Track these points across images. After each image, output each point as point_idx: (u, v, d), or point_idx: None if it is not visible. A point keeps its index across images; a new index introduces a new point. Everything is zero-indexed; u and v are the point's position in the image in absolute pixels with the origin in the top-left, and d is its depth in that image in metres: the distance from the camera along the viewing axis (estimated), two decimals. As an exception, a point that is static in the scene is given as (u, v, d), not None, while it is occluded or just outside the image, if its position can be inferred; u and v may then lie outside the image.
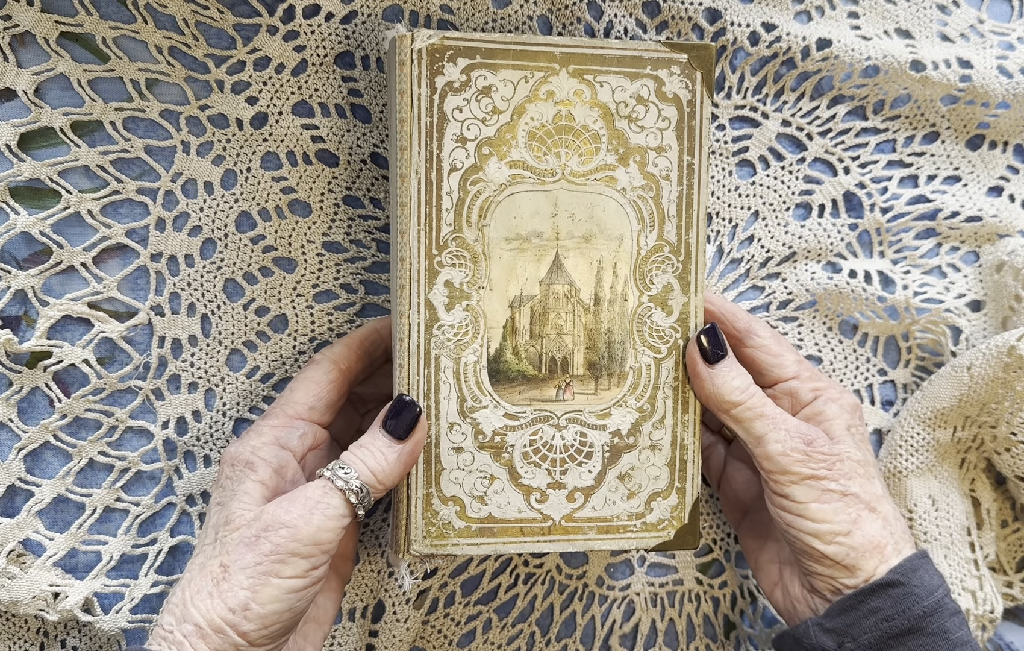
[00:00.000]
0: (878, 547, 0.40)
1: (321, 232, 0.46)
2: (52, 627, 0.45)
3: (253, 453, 0.39)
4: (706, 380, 0.41)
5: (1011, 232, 0.51)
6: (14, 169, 0.42)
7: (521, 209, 0.41)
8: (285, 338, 0.46)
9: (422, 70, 0.39)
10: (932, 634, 0.39)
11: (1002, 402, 0.47)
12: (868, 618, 0.39)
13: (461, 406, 0.41)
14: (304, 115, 0.45)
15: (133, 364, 0.45)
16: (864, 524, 0.40)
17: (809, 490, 0.40)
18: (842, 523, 0.40)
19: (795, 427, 0.41)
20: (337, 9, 0.44)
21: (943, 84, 0.49)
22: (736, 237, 0.50)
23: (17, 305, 0.44)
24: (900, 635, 0.39)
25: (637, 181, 0.41)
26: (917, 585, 0.39)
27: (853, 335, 0.51)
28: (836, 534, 0.40)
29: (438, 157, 0.39)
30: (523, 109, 0.40)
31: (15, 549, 0.43)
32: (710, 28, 0.47)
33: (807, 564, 0.41)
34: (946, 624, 0.39)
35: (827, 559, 0.40)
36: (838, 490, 0.40)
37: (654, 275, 0.42)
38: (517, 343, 0.41)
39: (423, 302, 0.40)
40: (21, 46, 0.43)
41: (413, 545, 0.41)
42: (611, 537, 0.43)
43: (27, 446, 0.44)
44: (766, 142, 0.49)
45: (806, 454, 0.40)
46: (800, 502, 0.40)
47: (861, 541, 0.40)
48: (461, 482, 0.41)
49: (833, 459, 0.40)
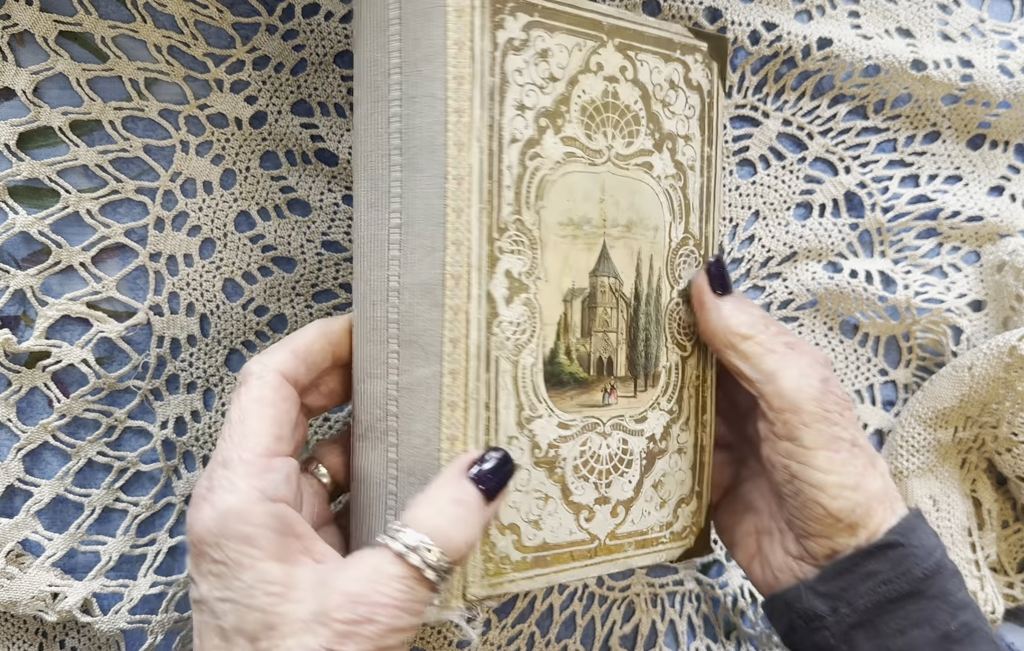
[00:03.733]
0: (881, 503, 0.37)
1: (320, 231, 0.46)
2: (51, 628, 0.45)
3: (243, 522, 0.30)
4: (713, 311, 0.38)
5: (1012, 232, 0.51)
6: (13, 168, 0.42)
7: (574, 191, 0.36)
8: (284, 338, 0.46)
9: (484, 21, 0.33)
10: (933, 597, 0.36)
11: (1003, 402, 0.47)
12: (865, 581, 0.36)
13: (519, 416, 0.35)
14: (303, 114, 0.45)
15: (132, 364, 0.44)
16: (869, 479, 0.37)
17: (819, 435, 0.36)
18: (850, 475, 0.36)
19: (810, 362, 0.37)
20: (336, 8, 0.44)
21: (944, 83, 0.49)
22: (737, 237, 0.50)
23: (16, 305, 0.44)
24: (899, 599, 0.36)
25: (669, 169, 0.39)
26: (917, 545, 0.36)
27: (854, 335, 0.51)
28: (844, 487, 0.36)
29: (500, 125, 0.34)
30: (576, 80, 0.36)
31: (14, 549, 0.43)
32: (710, 27, 0.47)
33: (806, 524, 0.38)
34: (947, 585, 0.36)
35: (830, 516, 0.36)
36: (848, 438, 0.37)
37: (682, 269, 0.40)
38: (569, 342, 0.36)
39: (484, 294, 0.33)
40: (20, 45, 0.43)
41: (470, 588, 0.34)
42: (647, 551, 0.40)
43: (26, 446, 0.44)
44: (767, 141, 0.49)
45: (822, 392, 0.36)
46: (809, 448, 0.36)
47: (867, 497, 0.37)
48: (519, 506, 0.35)
49: (845, 403, 0.37)
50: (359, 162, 0.36)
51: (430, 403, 0.33)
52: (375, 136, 0.35)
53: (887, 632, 0.36)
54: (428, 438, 0.33)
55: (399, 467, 0.34)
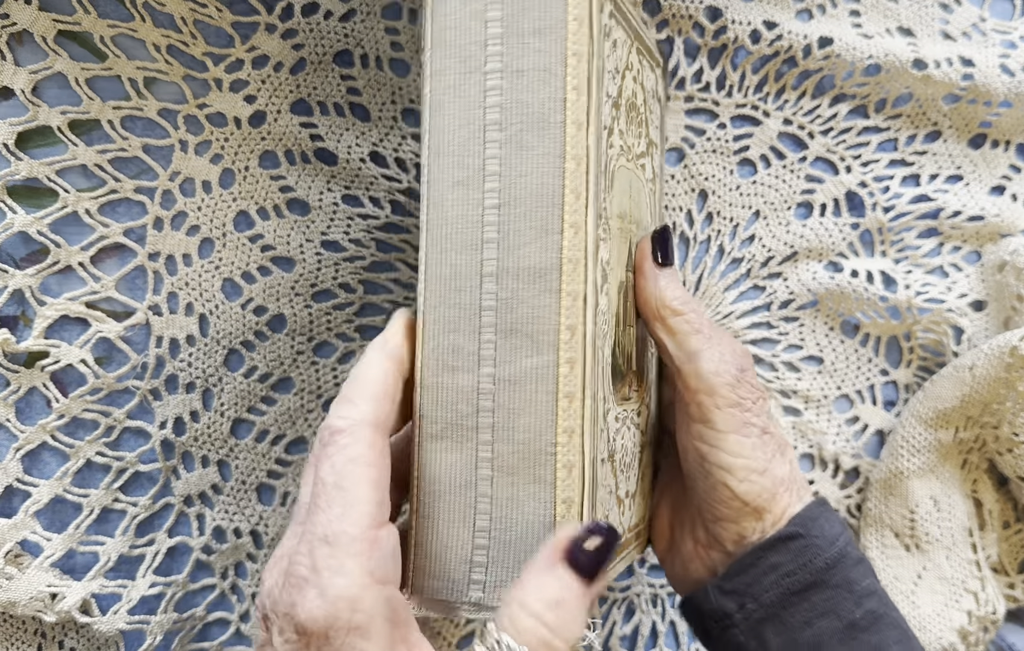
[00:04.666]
0: (788, 489, 0.38)
1: (319, 231, 0.46)
2: (50, 628, 0.45)
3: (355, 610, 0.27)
4: (650, 280, 0.37)
5: (1013, 231, 0.51)
6: (11, 168, 0.42)
7: (622, 184, 0.35)
8: (283, 338, 0.46)
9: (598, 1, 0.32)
10: (836, 586, 0.36)
11: (1004, 402, 0.47)
12: (768, 574, 0.37)
13: (603, 407, 0.34)
14: (302, 113, 0.45)
15: (131, 364, 0.44)
16: (776, 465, 0.38)
17: (732, 419, 0.37)
18: (758, 460, 0.37)
19: (730, 350, 0.38)
20: (336, 7, 0.44)
21: (945, 83, 0.49)
22: (737, 236, 0.50)
23: (14, 305, 0.43)
24: (802, 590, 0.36)
25: (650, 173, 0.39)
26: (817, 535, 0.37)
27: (855, 335, 0.51)
28: (751, 471, 0.37)
29: (599, 108, 0.32)
30: (624, 75, 0.35)
31: (13, 550, 0.43)
32: (711, 26, 0.47)
33: (714, 507, 0.38)
34: (850, 574, 0.37)
35: (737, 499, 0.37)
36: (759, 425, 0.37)
37: None
38: (618, 335, 0.36)
39: (595, 281, 0.32)
40: (19, 44, 0.42)
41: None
42: (638, 544, 0.40)
43: (25, 446, 0.44)
44: (767, 141, 0.49)
45: (737, 379, 0.37)
46: (720, 431, 0.37)
47: (772, 482, 0.37)
48: (602, 502, 0.34)
49: (759, 393, 0.38)
50: (437, 136, 0.33)
51: (541, 395, 0.31)
52: (464, 108, 0.32)
53: (794, 624, 0.37)
54: (539, 433, 0.32)
55: (495, 467, 0.32)
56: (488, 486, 0.33)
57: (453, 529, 0.33)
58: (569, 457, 0.31)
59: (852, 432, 0.51)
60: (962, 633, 0.49)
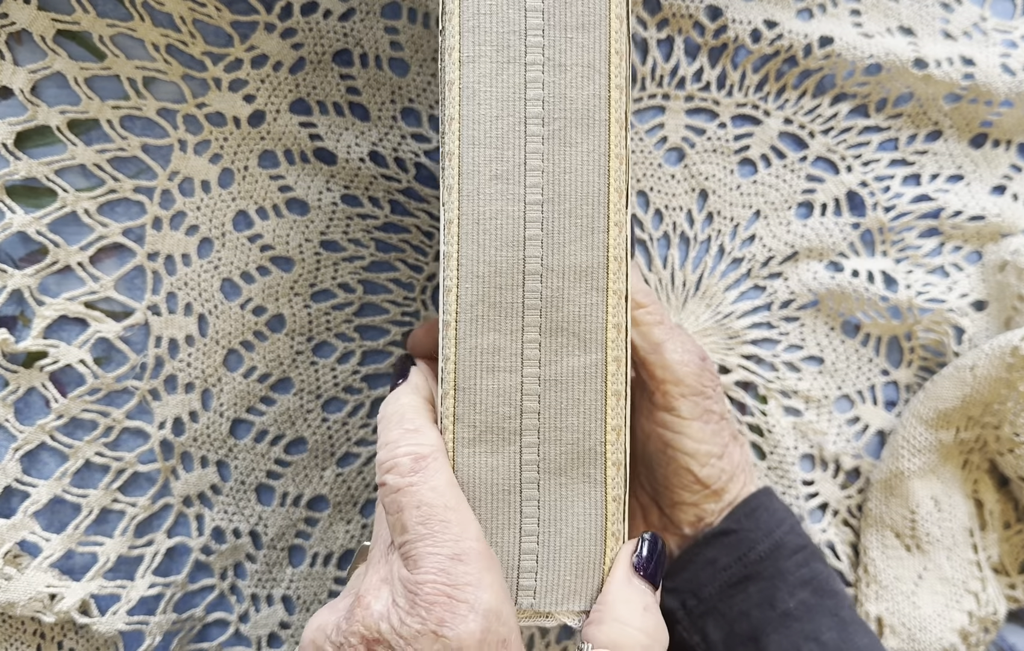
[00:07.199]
0: (744, 472, 0.40)
1: (319, 231, 0.46)
2: (49, 629, 0.45)
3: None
4: None
5: (1014, 231, 0.51)
6: (10, 168, 0.42)
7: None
8: (282, 338, 0.46)
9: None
10: (771, 578, 0.38)
11: (1005, 403, 0.47)
12: (706, 570, 0.38)
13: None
14: (302, 113, 0.45)
15: (130, 364, 0.44)
16: (732, 450, 0.40)
17: (695, 407, 0.39)
18: (717, 445, 0.39)
19: (690, 341, 0.40)
20: (335, 6, 0.44)
21: (946, 82, 0.49)
22: (737, 236, 0.50)
23: (13, 305, 0.43)
24: (739, 583, 0.38)
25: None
26: (751, 529, 0.38)
27: (855, 335, 0.51)
28: (711, 456, 0.39)
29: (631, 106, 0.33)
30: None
31: (12, 550, 0.43)
32: (711, 25, 0.47)
33: (675, 491, 0.39)
34: (784, 565, 0.38)
35: (699, 483, 0.39)
36: (718, 411, 0.40)
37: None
38: None
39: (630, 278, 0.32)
40: (18, 44, 0.42)
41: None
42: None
43: (24, 446, 0.43)
44: (768, 140, 0.49)
45: (700, 368, 0.39)
46: (685, 419, 0.38)
47: (731, 465, 0.39)
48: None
49: (717, 381, 0.40)
50: (472, 126, 0.32)
51: (590, 394, 0.31)
52: (503, 99, 0.31)
53: (732, 616, 0.38)
54: (587, 432, 0.32)
55: (542, 468, 0.32)
56: (535, 489, 0.32)
57: (497, 536, 0.32)
58: (617, 455, 0.32)
59: (853, 432, 0.51)
60: (963, 634, 0.49)
